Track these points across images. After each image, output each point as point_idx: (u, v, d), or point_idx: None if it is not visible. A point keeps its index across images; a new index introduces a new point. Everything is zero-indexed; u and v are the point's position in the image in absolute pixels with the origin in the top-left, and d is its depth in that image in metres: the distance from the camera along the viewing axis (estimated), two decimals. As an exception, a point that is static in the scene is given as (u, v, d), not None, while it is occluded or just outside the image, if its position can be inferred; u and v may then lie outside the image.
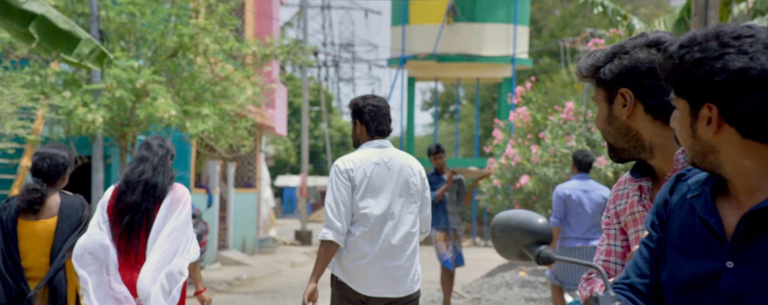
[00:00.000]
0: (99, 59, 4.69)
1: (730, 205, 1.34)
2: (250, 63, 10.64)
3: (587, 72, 1.68)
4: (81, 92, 9.13)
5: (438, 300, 8.82)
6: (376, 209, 3.54)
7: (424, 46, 19.28)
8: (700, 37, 1.30)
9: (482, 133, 26.16)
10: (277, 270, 12.85)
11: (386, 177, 3.57)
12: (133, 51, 9.74)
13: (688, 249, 1.34)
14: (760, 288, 1.28)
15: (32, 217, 3.74)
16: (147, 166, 3.70)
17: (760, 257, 1.29)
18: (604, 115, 1.67)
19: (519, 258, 1.40)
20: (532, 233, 1.38)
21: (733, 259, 1.30)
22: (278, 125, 16.03)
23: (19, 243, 3.73)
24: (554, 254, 1.38)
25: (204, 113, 9.27)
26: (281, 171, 35.03)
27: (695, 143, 1.33)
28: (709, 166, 1.34)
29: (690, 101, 1.32)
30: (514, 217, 1.39)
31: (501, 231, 1.40)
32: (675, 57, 1.32)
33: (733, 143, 1.31)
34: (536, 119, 9.08)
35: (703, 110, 1.31)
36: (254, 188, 15.94)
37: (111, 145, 10.31)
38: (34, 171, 3.75)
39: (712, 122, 1.31)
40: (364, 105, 3.61)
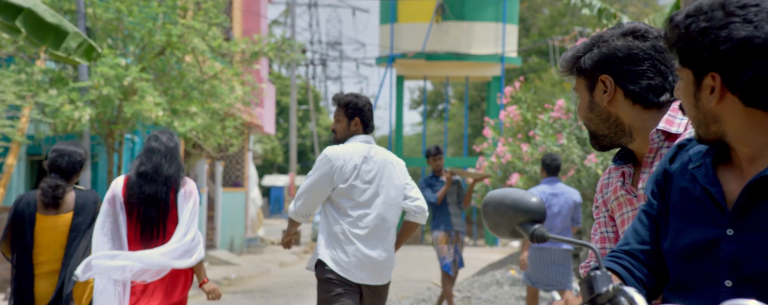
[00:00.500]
0: (87, 53, 4.67)
1: (731, 174, 1.37)
2: (238, 61, 10.63)
3: (569, 64, 1.75)
4: (68, 89, 9.10)
5: (428, 299, 8.85)
6: (365, 201, 3.76)
7: (413, 45, 19.31)
8: (706, 6, 1.32)
9: (471, 132, 26.23)
10: (266, 269, 12.85)
11: (373, 170, 3.79)
12: (121, 49, 9.71)
13: (690, 216, 1.38)
14: (759, 254, 1.31)
15: (52, 212, 3.90)
16: (159, 158, 3.83)
17: (761, 224, 1.31)
18: (585, 103, 1.74)
19: (511, 235, 1.42)
20: (527, 211, 1.40)
21: (734, 227, 1.33)
22: (266, 123, 16.02)
23: (38, 237, 3.89)
24: (548, 233, 1.39)
25: (192, 110, 9.25)
26: (268, 170, 34.96)
27: (698, 113, 1.36)
28: (713, 136, 1.36)
29: (694, 71, 1.33)
30: (508, 195, 1.41)
31: (494, 208, 1.42)
32: (681, 26, 1.33)
33: (736, 111, 1.33)
34: (526, 117, 9.12)
35: (706, 79, 1.32)
36: (242, 188, 15.92)
37: (98, 143, 10.28)
38: (53, 167, 3.94)
39: (715, 90, 1.32)
40: (363, 104, 3.83)
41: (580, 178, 8.08)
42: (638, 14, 25.00)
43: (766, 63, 1.29)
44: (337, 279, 3.74)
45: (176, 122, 9.14)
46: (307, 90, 26.59)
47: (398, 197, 3.84)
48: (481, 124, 22.89)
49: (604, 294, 1.28)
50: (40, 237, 3.91)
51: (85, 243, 3.91)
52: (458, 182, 7.39)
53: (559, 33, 24.54)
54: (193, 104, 9.37)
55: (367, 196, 3.78)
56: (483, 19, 19.25)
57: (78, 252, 3.89)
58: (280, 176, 33.90)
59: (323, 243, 3.77)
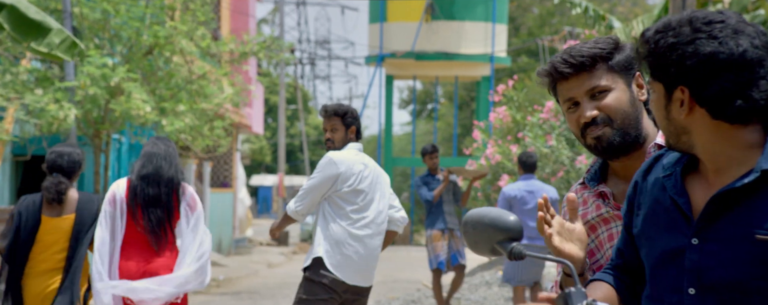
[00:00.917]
0: (70, 49, 4.69)
1: (699, 184, 1.43)
2: (227, 60, 10.63)
3: (590, 59, 1.70)
4: (54, 89, 9.08)
5: (418, 300, 8.90)
6: (364, 205, 3.97)
7: (402, 44, 19.35)
8: (674, 22, 1.39)
9: (460, 132, 26.30)
10: (254, 270, 12.86)
11: (370, 177, 4.03)
12: (108, 49, 9.70)
13: (660, 225, 1.44)
14: (721, 264, 1.37)
15: (55, 213, 4.04)
16: (159, 160, 3.97)
17: (723, 235, 1.37)
18: (628, 97, 1.73)
19: (490, 253, 1.48)
20: (505, 230, 1.46)
21: (698, 236, 1.39)
22: (255, 123, 16.02)
23: (41, 238, 4.03)
24: (526, 250, 1.45)
25: (180, 109, 9.25)
26: (256, 170, 34.91)
27: (669, 125, 1.42)
28: (683, 146, 1.43)
29: (664, 84, 1.40)
30: (487, 214, 1.47)
31: (473, 227, 1.47)
32: (651, 42, 1.40)
33: (704, 124, 1.39)
34: (516, 118, 9.19)
35: (676, 92, 1.39)
36: (230, 188, 15.92)
37: (85, 144, 10.26)
38: (54, 168, 4.06)
39: (684, 104, 1.39)
40: (357, 113, 4.07)
41: (570, 179, 8.14)
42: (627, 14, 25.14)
43: (730, 77, 1.35)
44: (328, 285, 3.88)
45: (164, 121, 9.14)
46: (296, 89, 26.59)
47: (386, 205, 4.08)
48: (470, 124, 22.96)
49: None
50: (42, 238, 4.04)
51: (86, 244, 4.04)
52: (455, 180, 7.36)
53: (549, 33, 24.65)
54: (181, 103, 9.37)
55: (366, 201, 3.98)
56: (472, 18, 19.31)
57: (81, 253, 4.03)
58: (268, 176, 33.85)
59: (323, 243, 3.91)
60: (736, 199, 1.38)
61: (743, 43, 1.36)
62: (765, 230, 1.34)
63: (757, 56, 1.36)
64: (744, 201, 1.37)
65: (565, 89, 1.75)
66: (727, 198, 1.38)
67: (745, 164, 1.39)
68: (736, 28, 1.37)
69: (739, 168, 1.39)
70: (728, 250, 1.37)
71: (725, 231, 1.37)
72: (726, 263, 1.36)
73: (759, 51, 1.37)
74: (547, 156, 8.77)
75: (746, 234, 1.35)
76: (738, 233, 1.37)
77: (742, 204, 1.37)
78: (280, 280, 11.51)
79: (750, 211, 1.36)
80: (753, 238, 1.35)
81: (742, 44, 1.36)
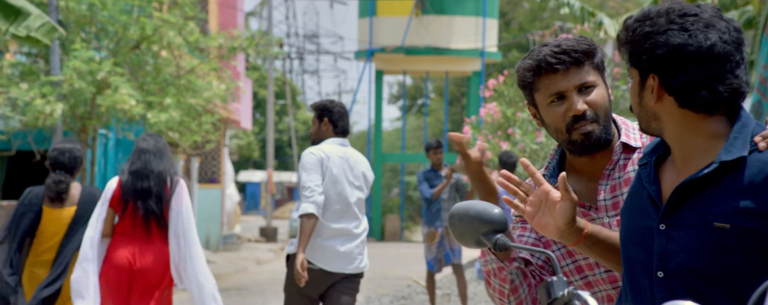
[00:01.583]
0: (49, 33, 4.76)
1: (670, 172, 1.53)
2: (215, 56, 10.65)
3: (582, 55, 1.74)
4: (39, 84, 9.08)
5: (408, 296, 8.98)
6: (339, 198, 4.12)
7: (392, 39, 19.39)
8: (653, 12, 1.47)
9: (451, 128, 26.36)
10: (243, 267, 12.90)
11: (347, 170, 4.16)
12: (94, 43, 9.70)
13: (635, 208, 1.54)
14: (684, 250, 1.45)
15: (58, 205, 4.30)
16: (148, 156, 4.17)
17: (687, 222, 1.46)
18: (606, 95, 1.78)
19: (476, 245, 1.54)
20: (490, 222, 1.53)
21: (665, 222, 1.48)
22: (243, 118, 16.04)
23: (43, 229, 4.27)
24: (510, 242, 1.52)
25: (166, 102, 9.27)
26: (243, 166, 34.86)
27: (641, 110, 1.51)
28: (654, 132, 1.52)
29: (639, 71, 1.49)
30: (472, 207, 1.54)
31: (460, 220, 1.54)
32: (630, 29, 1.49)
33: (672, 111, 1.48)
34: (506, 114, 9.28)
35: (648, 79, 1.48)
36: (218, 184, 15.95)
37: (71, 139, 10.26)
38: (56, 164, 4.29)
39: (654, 91, 1.48)
40: (333, 106, 4.20)
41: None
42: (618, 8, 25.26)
43: (697, 69, 1.44)
44: (312, 267, 4.07)
45: (150, 114, 9.16)
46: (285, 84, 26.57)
47: (366, 195, 4.23)
48: (460, 120, 23.05)
49: (560, 298, 1.41)
50: (44, 229, 4.28)
51: (81, 234, 4.24)
52: (459, 178, 7.32)
53: (540, 27, 24.74)
54: (168, 96, 9.39)
55: (344, 193, 4.12)
56: (463, 13, 19.38)
57: (73, 243, 4.24)
58: (256, 172, 33.82)
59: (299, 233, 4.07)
60: (697, 188, 1.46)
61: (712, 37, 1.44)
62: (722, 218, 1.42)
63: (724, 51, 1.44)
64: (704, 190, 1.45)
65: (552, 83, 1.76)
66: (690, 187, 1.46)
67: (709, 153, 1.47)
68: (708, 22, 1.45)
69: (705, 157, 1.47)
70: (690, 236, 1.45)
71: (688, 218, 1.45)
72: (688, 249, 1.44)
73: (728, 46, 1.44)
74: (536, 152, 8.87)
75: (706, 222, 1.44)
76: (699, 220, 1.45)
77: (703, 193, 1.46)
78: (269, 277, 11.56)
79: (709, 200, 1.45)
80: (711, 226, 1.43)
81: (710, 38, 1.44)
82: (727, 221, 1.43)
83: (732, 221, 1.43)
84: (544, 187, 1.61)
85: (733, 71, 1.45)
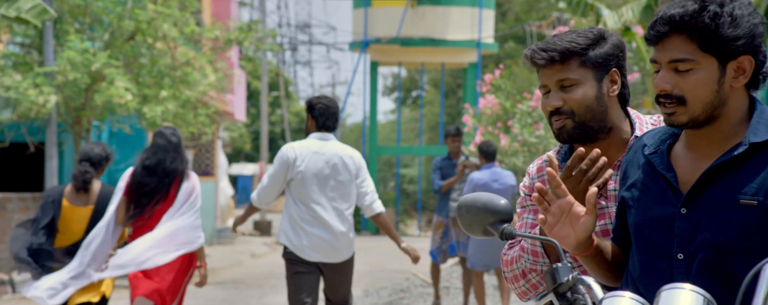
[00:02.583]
0: (40, 15, 4.92)
1: (684, 159, 1.64)
2: (210, 47, 10.73)
3: (562, 54, 1.83)
4: (33, 74, 9.15)
5: (406, 289, 9.13)
6: (312, 191, 4.44)
7: (387, 30, 19.46)
8: (718, 1, 1.54)
9: (447, 120, 26.48)
10: (238, 260, 13.02)
11: (323, 164, 4.46)
12: (89, 34, 9.76)
13: (650, 195, 1.65)
14: (707, 228, 1.58)
15: (79, 202, 4.68)
16: (163, 154, 4.47)
17: (709, 202, 1.59)
18: (595, 93, 1.85)
19: (483, 234, 1.66)
20: (496, 212, 1.65)
21: (686, 206, 1.61)
22: (237, 110, 16.13)
23: (62, 224, 4.61)
24: (516, 231, 1.64)
25: (162, 95, 9.35)
26: (235, 159, 34.90)
27: (715, 97, 1.56)
28: (709, 119, 1.57)
29: (720, 57, 1.53)
30: (479, 199, 1.66)
31: (467, 210, 1.66)
32: (705, 17, 1.53)
33: (741, 94, 1.59)
34: (505, 107, 9.40)
35: (734, 63, 1.54)
36: (212, 177, 16.05)
37: (65, 131, 10.33)
38: (84, 157, 4.66)
39: (746, 72, 1.54)
40: (316, 103, 4.51)
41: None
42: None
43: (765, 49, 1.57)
44: (297, 259, 4.43)
45: (145, 108, 9.25)
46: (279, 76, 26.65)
47: (349, 187, 4.50)
48: (456, 111, 23.15)
49: (566, 283, 1.53)
50: (65, 226, 4.67)
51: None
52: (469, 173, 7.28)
53: (536, 18, 24.85)
54: (164, 89, 9.47)
55: (319, 186, 4.43)
56: (459, 3, 19.45)
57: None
58: (248, 165, 33.85)
59: (283, 227, 4.49)
60: (725, 169, 1.57)
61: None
62: (749, 195, 1.55)
63: None
64: (730, 171, 1.57)
65: (542, 76, 1.89)
66: (718, 169, 1.57)
67: (734, 138, 1.58)
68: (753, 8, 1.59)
69: (730, 141, 1.58)
70: (715, 215, 1.57)
71: (712, 198, 1.57)
72: (712, 227, 1.56)
73: None
74: (535, 146, 8.99)
75: (732, 200, 1.56)
76: (725, 199, 1.56)
77: (729, 174, 1.57)
78: (265, 270, 11.68)
79: (736, 179, 1.56)
80: (738, 203, 1.55)
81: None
82: (754, 199, 1.54)
83: (759, 199, 1.55)
84: (569, 199, 1.67)
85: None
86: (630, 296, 1.47)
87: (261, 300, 8.65)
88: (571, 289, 1.54)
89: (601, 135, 1.88)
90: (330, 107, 4.49)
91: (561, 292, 1.54)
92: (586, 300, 1.52)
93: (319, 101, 4.49)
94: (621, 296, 1.47)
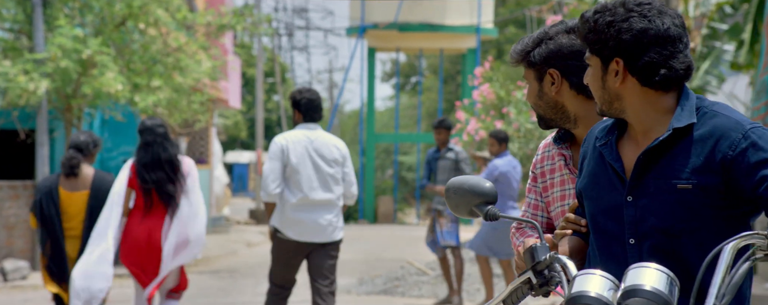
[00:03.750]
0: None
1: (629, 147, 1.79)
2: (203, 33, 10.76)
3: (519, 56, 2.11)
4: (22, 61, 9.19)
5: (402, 277, 9.23)
6: (301, 178, 4.86)
7: (385, 15, 19.49)
8: (610, 4, 1.75)
9: (446, 106, 26.54)
10: (233, 249, 13.12)
11: (310, 153, 4.88)
12: (78, 19, 9.80)
13: (602, 186, 1.79)
14: (653, 214, 1.73)
15: (72, 188, 5.07)
16: (156, 147, 4.94)
17: (651, 190, 1.73)
18: (535, 91, 2.09)
19: (469, 215, 1.79)
20: (482, 194, 1.77)
21: (632, 194, 1.76)
22: (232, 97, 16.18)
23: (64, 209, 5.13)
24: (499, 212, 1.76)
25: (155, 84, 9.40)
26: (231, 147, 34.96)
27: (604, 93, 1.76)
28: (615, 112, 1.77)
29: (601, 57, 1.75)
30: (466, 181, 1.78)
31: (455, 192, 1.79)
32: (590, 21, 1.75)
33: (635, 91, 1.75)
34: (500, 95, 9.49)
35: (612, 64, 1.73)
36: (207, 164, 16.13)
37: (55, 118, 10.38)
38: (72, 145, 5.07)
39: (619, 73, 1.73)
40: (301, 98, 4.92)
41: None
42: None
43: (657, 50, 1.72)
44: (286, 239, 4.85)
45: (137, 97, 9.30)
46: (274, 62, 26.68)
47: (336, 174, 4.93)
48: (456, 98, 23.20)
49: (543, 261, 1.65)
50: (66, 210, 5.13)
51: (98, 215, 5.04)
52: (457, 161, 7.36)
53: (537, 3, 24.86)
54: (156, 78, 9.52)
55: (309, 173, 4.85)
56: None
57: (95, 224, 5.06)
58: (244, 153, 33.90)
59: (277, 210, 4.90)
60: (657, 156, 1.73)
61: (667, 21, 1.72)
62: (684, 179, 1.70)
63: (677, 33, 1.73)
64: (663, 157, 1.72)
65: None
66: (651, 156, 1.73)
67: (665, 126, 1.74)
68: (660, 9, 1.73)
69: (661, 129, 1.74)
70: (657, 201, 1.72)
71: (652, 185, 1.72)
72: (656, 212, 1.71)
73: (679, 29, 1.74)
74: (531, 132, 9.09)
75: (669, 185, 1.71)
76: (663, 185, 1.71)
77: (663, 160, 1.72)
78: (260, 259, 11.78)
79: (670, 165, 1.72)
80: (675, 188, 1.70)
81: (666, 22, 1.72)
82: (688, 182, 1.69)
83: (693, 181, 1.69)
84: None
85: (684, 51, 1.74)
86: (600, 273, 1.56)
87: (256, 289, 8.75)
88: (548, 267, 1.65)
89: (568, 125, 2.09)
90: (313, 100, 4.92)
91: (539, 270, 1.66)
92: (562, 277, 1.63)
93: (303, 95, 4.91)
94: (592, 273, 1.57)
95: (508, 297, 1.72)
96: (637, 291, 1.51)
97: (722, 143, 1.68)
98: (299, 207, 4.84)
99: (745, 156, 1.65)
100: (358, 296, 8.46)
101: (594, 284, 1.55)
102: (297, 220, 4.84)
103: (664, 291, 1.51)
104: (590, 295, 1.53)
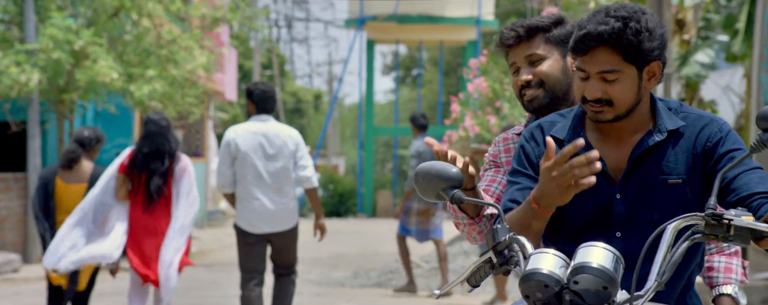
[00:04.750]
0: None
1: (606, 148, 1.88)
2: (197, 26, 10.81)
3: (528, 30, 2.11)
4: (14, 52, 9.25)
5: (396, 270, 9.32)
6: (252, 168, 5.07)
7: (385, 7, 19.54)
8: (626, 11, 1.82)
9: (446, 99, 26.59)
10: (228, 243, 13.20)
11: (261, 143, 5.10)
12: (71, 9, 9.85)
13: (584, 190, 1.81)
14: (642, 209, 1.85)
15: (70, 180, 5.27)
16: (158, 138, 5.14)
17: (640, 185, 1.85)
18: (560, 67, 2.13)
19: (436, 198, 1.86)
20: (448, 179, 1.84)
21: (620, 192, 1.86)
22: (228, 90, 16.26)
23: (59, 201, 5.32)
24: (464, 196, 1.83)
25: (149, 75, 9.46)
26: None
27: (636, 97, 1.84)
28: (627, 114, 1.85)
29: (638, 64, 1.81)
30: (434, 166, 1.86)
31: (423, 177, 1.86)
32: (614, 32, 1.79)
33: (649, 92, 1.89)
34: (495, 89, 9.55)
35: (649, 68, 1.83)
36: (203, 158, 16.21)
37: (48, 110, 10.46)
38: (76, 140, 5.34)
39: (656, 75, 1.84)
40: (254, 89, 5.15)
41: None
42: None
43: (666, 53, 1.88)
44: (245, 231, 5.14)
45: (132, 87, 9.36)
46: (272, 54, 26.73)
47: (288, 163, 5.13)
48: (456, 90, 23.23)
49: (503, 241, 1.74)
50: (61, 202, 5.31)
51: None
52: (418, 150, 7.61)
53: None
54: (151, 68, 9.58)
55: (260, 163, 5.05)
56: (458, -21, 19.52)
57: None
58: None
59: (236, 204, 5.17)
60: (647, 155, 1.84)
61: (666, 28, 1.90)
62: (674, 175, 1.84)
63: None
64: (653, 156, 1.84)
65: (510, 56, 2.18)
66: (642, 155, 1.85)
67: (646, 126, 1.86)
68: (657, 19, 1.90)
69: (644, 129, 1.86)
70: (647, 196, 1.84)
71: (642, 181, 1.84)
72: (645, 207, 1.84)
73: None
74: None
75: (660, 181, 1.83)
76: (653, 181, 1.84)
77: (651, 158, 1.84)
78: (254, 253, 11.84)
79: (657, 163, 1.84)
80: (666, 184, 1.83)
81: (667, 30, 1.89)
82: (678, 178, 1.84)
83: (683, 177, 1.84)
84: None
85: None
86: (553, 252, 1.64)
87: (248, 281, 8.82)
88: (507, 247, 1.74)
89: (563, 106, 2.13)
90: (266, 91, 5.14)
91: (499, 250, 1.76)
92: (519, 256, 1.70)
93: (256, 87, 5.14)
94: (546, 252, 1.65)
95: (470, 276, 1.80)
96: (585, 268, 1.61)
97: (702, 136, 1.84)
98: (253, 198, 5.05)
99: (719, 145, 1.83)
100: (352, 289, 8.55)
101: (547, 262, 1.65)
102: (253, 212, 5.06)
103: (609, 268, 1.61)
104: (542, 272, 1.63)
